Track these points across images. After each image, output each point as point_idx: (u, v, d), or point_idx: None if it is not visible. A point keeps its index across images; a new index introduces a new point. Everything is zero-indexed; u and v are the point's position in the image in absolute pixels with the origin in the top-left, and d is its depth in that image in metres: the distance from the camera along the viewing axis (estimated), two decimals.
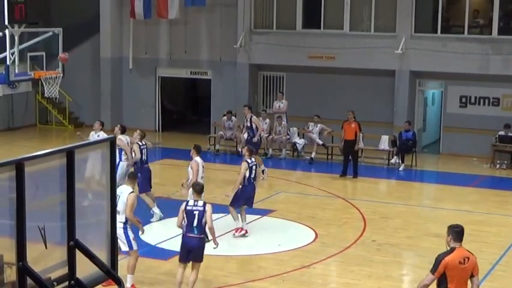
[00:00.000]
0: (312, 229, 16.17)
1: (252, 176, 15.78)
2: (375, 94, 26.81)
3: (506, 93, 25.59)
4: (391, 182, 22.94)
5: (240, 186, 15.75)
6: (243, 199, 15.75)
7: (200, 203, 11.80)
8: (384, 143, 24.89)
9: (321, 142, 24.92)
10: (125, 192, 12.11)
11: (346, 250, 14.69)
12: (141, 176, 16.20)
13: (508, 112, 25.45)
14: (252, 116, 23.11)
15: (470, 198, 19.94)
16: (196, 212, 11.63)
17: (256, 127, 22.96)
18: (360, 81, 26.99)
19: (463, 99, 26.20)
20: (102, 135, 18.41)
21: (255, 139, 22.42)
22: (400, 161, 23.86)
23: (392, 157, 24.28)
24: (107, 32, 29.80)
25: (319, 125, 25.09)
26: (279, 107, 26.05)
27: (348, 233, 15.94)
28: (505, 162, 24.25)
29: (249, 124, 23.05)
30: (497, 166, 24.25)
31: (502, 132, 24.32)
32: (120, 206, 11.74)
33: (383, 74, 26.41)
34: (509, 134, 24.13)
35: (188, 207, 11.73)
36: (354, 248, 14.93)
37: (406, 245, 15.24)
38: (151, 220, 16.59)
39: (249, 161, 15.77)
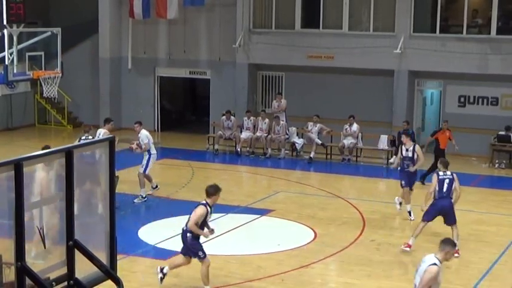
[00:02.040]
0: (311, 229, 16.17)
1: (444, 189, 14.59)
2: (374, 94, 26.81)
3: (505, 92, 25.61)
4: (390, 181, 22.91)
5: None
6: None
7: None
8: (383, 142, 24.91)
9: (320, 142, 24.92)
10: None
11: (345, 250, 14.69)
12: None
13: (507, 112, 25.47)
14: (415, 145, 18.69)
15: (470, 197, 19.90)
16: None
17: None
18: (359, 81, 26.99)
19: (462, 99, 26.22)
20: (144, 133, 19.11)
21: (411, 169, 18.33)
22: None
23: (391, 156, 24.28)
24: (105, 32, 29.77)
25: (318, 125, 25.09)
26: (278, 105, 26.05)
27: (347, 233, 15.94)
28: (504, 161, 24.27)
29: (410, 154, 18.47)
30: (496, 166, 24.27)
31: (501, 132, 24.33)
32: None
33: (382, 73, 26.42)
34: (509, 134, 24.14)
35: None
36: (353, 247, 14.93)
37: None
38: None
39: (440, 173, 14.91)
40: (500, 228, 16.61)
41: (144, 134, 18.78)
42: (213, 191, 12.09)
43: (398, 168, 18.15)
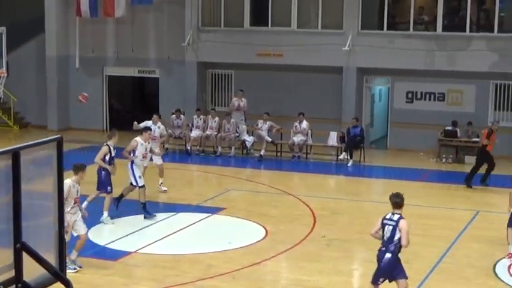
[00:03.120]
0: (262, 226, 16.19)
1: None
2: (323, 91, 26.97)
3: (451, 88, 25.99)
4: (340, 177, 23.12)
5: None
6: None
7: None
8: (333, 139, 25.08)
9: (270, 139, 24.98)
10: None
11: (296, 246, 14.74)
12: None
13: (453, 107, 25.87)
14: None
15: (418, 192, 20.17)
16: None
17: None
18: (308, 78, 27.14)
19: (410, 95, 26.54)
20: (162, 126, 20.48)
21: None
22: (349, 157, 24.05)
23: (341, 153, 24.48)
24: (52, 31, 29.41)
25: (268, 122, 25.16)
26: (239, 105, 26.04)
27: (298, 230, 15.99)
28: (451, 156, 24.63)
29: None
30: (443, 160, 24.62)
31: (448, 127, 24.68)
32: None
33: (330, 70, 26.60)
34: (456, 129, 24.50)
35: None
36: (304, 244, 14.99)
37: (355, 240, 15.34)
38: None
39: None
40: (448, 222, 16.83)
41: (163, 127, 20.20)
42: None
43: None
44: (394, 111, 26.97)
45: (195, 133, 25.47)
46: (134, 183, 16.50)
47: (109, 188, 16.17)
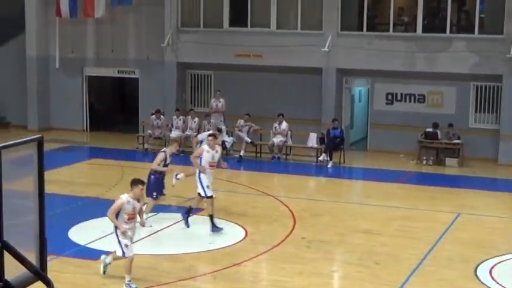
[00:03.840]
0: (242, 227, 16.17)
1: None
2: (303, 92, 26.99)
3: (431, 90, 26.06)
4: (319, 179, 23.14)
5: None
6: None
7: None
8: (312, 140, 25.11)
9: (249, 140, 24.98)
10: None
11: (276, 248, 14.73)
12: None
13: (433, 109, 25.94)
14: None
15: (398, 194, 20.24)
16: None
17: None
18: (288, 79, 27.15)
19: (389, 96, 26.59)
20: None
21: None
22: (328, 158, 24.07)
23: (321, 154, 24.50)
24: (32, 31, 29.31)
25: (248, 123, 25.14)
26: (217, 106, 26.01)
27: (277, 231, 15.98)
28: (431, 158, 24.68)
29: None
30: (424, 162, 24.68)
31: (428, 129, 24.74)
32: None
33: (310, 72, 26.62)
34: (436, 130, 24.57)
35: None
36: (284, 245, 14.98)
37: (335, 241, 15.35)
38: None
39: None
40: (428, 224, 16.85)
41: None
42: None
43: None
44: (374, 112, 27.01)
45: (174, 133, 25.40)
46: (202, 194, 15.81)
47: (154, 194, 16.12)
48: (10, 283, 6.15)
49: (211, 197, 15.80)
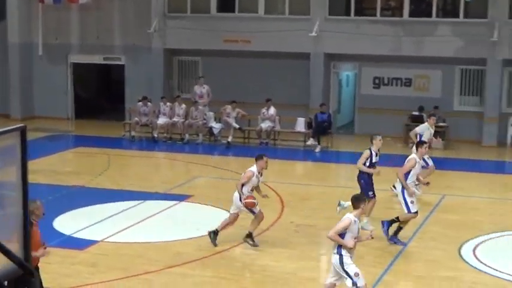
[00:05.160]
0: (230, 213, 16.10)
1: None
2: (291, 77, 26.97)
3: (417, 73, 26.12)
4: (307, 163, 23.15)
5: None
6: None
7: None
8: (300, 125, 25.10)
9: (237, 126, 24.93)
10: None
11: (264, 232, 14.71)
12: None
13: (420, 92, 26.01)
14: None
15: (385, 177, 20.23)
16: None
17: None
18: (276, 64, 27.10)
19: (377, 81, 26.62)
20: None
21: None
22: (316, 143, 24.08)
23: (309, 139, 24.50)
24: (14, 17, 28.97)
25: (236, 110, 25.09)
26: (201, 92, 25.91)
27: (266, 216, 15.89)
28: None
29: None
30: (410, 145, 24.64)
31: (414, 112, 24.79)
32: None
33: (298, 56, 26.57)
34: (422, 114, 24.61)
35: None
36: (272, 230, 14.98)
37: (324, 225, 15.28)
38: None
39: None
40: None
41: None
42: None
43: None
44: (361, 96, 27.04)
45: (162, 120, 25.34)
46: (406, 210, 13.94)
47: (370, 193, 14.97)
48: None
49: (416, 212, 14.00)
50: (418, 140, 17.36)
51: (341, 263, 10.11)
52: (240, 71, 27.42)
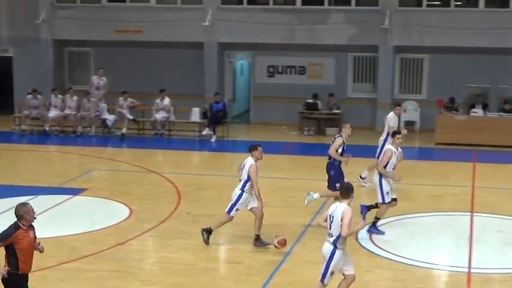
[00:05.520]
0: (127, 205, 15.88)
1: None
2: (184, 67, 26.83)
3: (311, 61, 26.39)
4: (204, 153, 23.06)
5: None
6: None
7: None
8: (195, 115, 24.97)
9: (131, 117, 24.61)
10: None
11: (162, 224, 14.54)
12: None
13: (313, 80, 26.29)
14: None
15: (281, 165, 20.38)
16: None
17: None
18: (169, 54, 26.92)
19: (271, 69, 26.76)
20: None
21: None
22: (212, 132, 24.00)
23: (204, 129, 24.38)
24: None
25: (128, 99, 24.73)
26: (98, 83, 25.38)
27: (163, 207, 15.79)
28: (312, 129, 25.00)
29: None
30: (305, 133, 24.97)
31: (309, 100, 25.03)
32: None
33: (192, 46, 26.45)
34: (317, 101, 24.89)
35: None
36: (169, 221, 14.81)
37: (221, 215, 15.26)
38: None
39: None
40: None
41: None
42: None
43: None
44: (256, 85, 27.14)
45: (53, 113, 24.72)
46: (381, 201, 13.85)
47: (338, 185, 14.33)
48: None
49: (389, 202, 13.91)
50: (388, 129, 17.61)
51: (332, 254, 9.95)
52: (133, 62, 27.09)
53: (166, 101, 24.59)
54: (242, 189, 13.18)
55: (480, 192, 17.36)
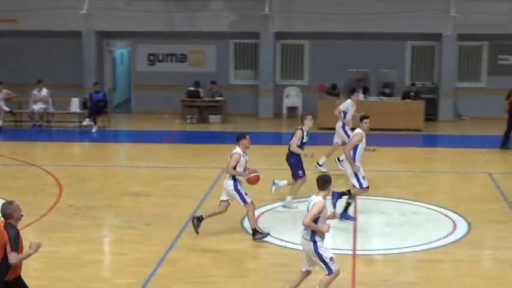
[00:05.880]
0: (5, 200, 15.32)
1: None
2: (62, 56, 26.31)
3: (192, 49, 26.34)
4: (84, 144, 22.63)
5: None
6: None
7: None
8: (75, 105, 24.47)
9: (7, 109, 23.94)
10: None
11: (42, 218, 14.14)
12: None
13: (195, 68, 26.23)
14: None
15: (164, 154, 20.25)
16: None
17: None
18: (46, 43, 26.35)
19: (151, 57, 26.56)
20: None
21: None
22: (93, 123, 23.60)
23: (84, 119, 23.93)
24: None
25: (4, 91, 23.97)
26: None
27: (43, 200, 15.36)
28: (195, 116, 24.94)
29: None
30: (188, 121, 24.89)
31: (191, 88, 24.95)
32: None
33: (69, 35, 25.93)
34: (198, 89, 24.83)
35: None
36: (50, 215, 14.42)
37: (104, 206, 15.02)
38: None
39: None
40: (196, 181, 16.95)
41: None
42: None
43: None
44: (137, 74, 26.88)
45: None
46: (358, 186, 13.77)
47: (300, 172, 14.55)
48: None
49: (367, 187, 13.93)
50: (342, 116, 17.97)
51: (315, 249, 9.65)
52: (8, 52, 26.30)
53: (44, 91, 23.99)
54: (233, 179, 12.83)
55: None
